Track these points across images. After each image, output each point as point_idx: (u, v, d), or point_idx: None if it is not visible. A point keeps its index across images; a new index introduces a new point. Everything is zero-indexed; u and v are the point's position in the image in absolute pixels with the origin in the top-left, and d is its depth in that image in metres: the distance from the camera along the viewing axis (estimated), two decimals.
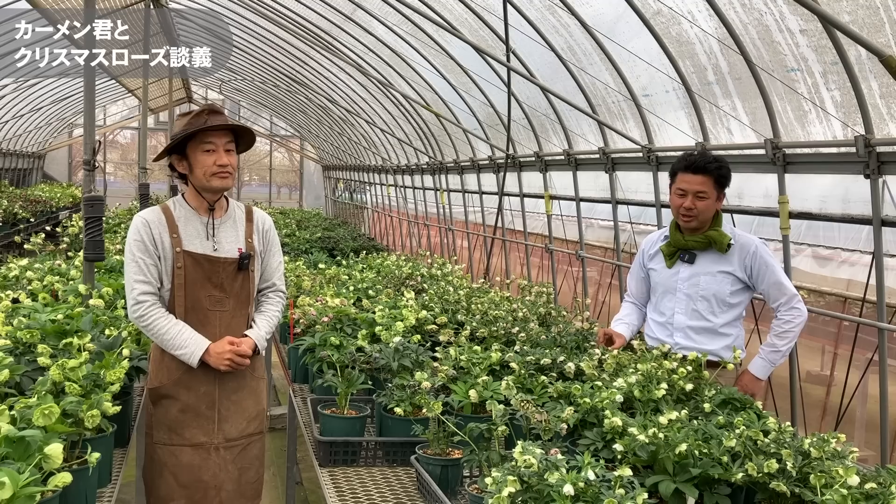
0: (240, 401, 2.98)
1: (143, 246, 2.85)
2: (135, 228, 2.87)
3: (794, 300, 3.31)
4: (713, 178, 3.27)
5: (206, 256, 2.90)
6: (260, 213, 3.13)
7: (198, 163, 2.89)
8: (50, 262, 5.39)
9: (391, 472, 3.01)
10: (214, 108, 2.94)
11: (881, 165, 3.86)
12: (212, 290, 2.91)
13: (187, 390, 2.90)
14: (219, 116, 2.91)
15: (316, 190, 26.10)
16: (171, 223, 2.90)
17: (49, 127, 21.98)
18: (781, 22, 4.21)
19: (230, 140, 2.94)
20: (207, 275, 2.91)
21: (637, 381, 2.76)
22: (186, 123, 2.87)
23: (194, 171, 2.91)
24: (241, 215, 3.06)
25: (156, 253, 2.86)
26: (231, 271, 2.94)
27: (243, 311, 3.00)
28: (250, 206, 3.16)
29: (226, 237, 2.97)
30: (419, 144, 11.37)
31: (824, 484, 2.11)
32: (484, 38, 6.95)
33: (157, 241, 2.86)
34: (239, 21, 11.53)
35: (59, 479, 2.04)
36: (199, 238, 2.92)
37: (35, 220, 13.73)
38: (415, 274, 6.06)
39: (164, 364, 2.91)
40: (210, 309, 2.91)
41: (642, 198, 6.27)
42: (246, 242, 3.00)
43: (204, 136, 2.87)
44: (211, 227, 2.95)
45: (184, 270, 2.87)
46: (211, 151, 2.88)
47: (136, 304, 2.84)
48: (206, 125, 2.85)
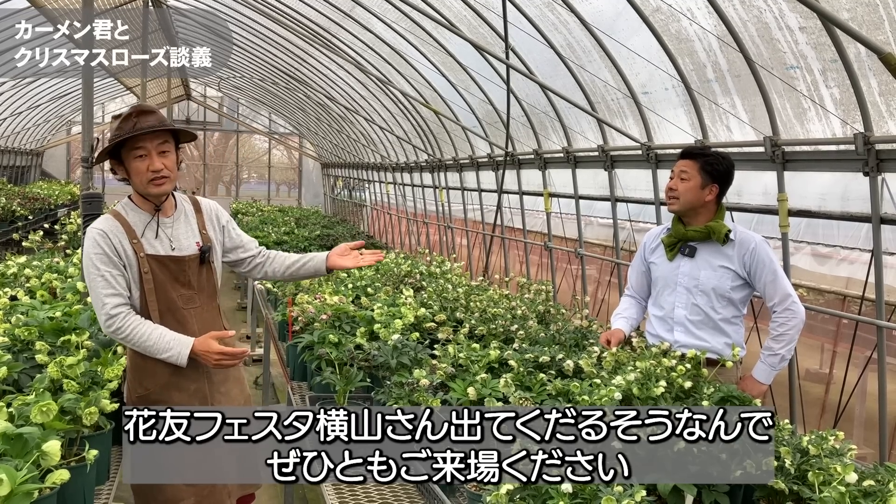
0: (228, 391, 2.95)
1: (106, 258, 2.73)
2: (93, 241, 2.75)
3: (788, 301, 3.28)
4: (699, 164, 3.32)
5: (170, 257, 2.83)
6: (206, 202, 3.06)
7: (133, 169, 2.78)
8: (48, 260, 5.38)
9: None
10: (144, 109, 2.77)
11: (880, 163, 3.86)
12: (181, 289, 2.86)
13: (178, 391, 2.83)
14: (148, 117, 2.75)
15: (315, 188, 26.09)
16: (129, 229, 2.80)
17: (47, 124, 21.95)
18: (781, 19, 4.21)
19: (164, 140, 2.78)
20: (174, 275, 2.84)
21: (636, 379, 2.75)
22: (117, 128, 2.75)
23: (132, 178, 2.82)
24: (189, 209, 2.99)
25: (120, 262, 2.76)
26: (195, 267, 2.89)
27: (213, 304, 2.96)
28: (195, 197, 3.07)
29: (182, 234, 2.91)
30: (418, 142, 11.37)
31: (822, 481, 2.11)
32: (483, 36, 6.94)
33: (118, 250, 2.76)
34: (238, 18, 11.52)
35: (57, 476, 2.04)
36: (157, 240, 2.84)
37: (33, 218, 13.71)
38: (414, 272, 6.06)
39: (148, 370, 2.81)
40: (184, 308, 2.85)
41: (641, 195, 6.27)
42: (201, 235, 2.94)
43: (134, 141, 2.73)
44: (162, 226, 2.88)
45: (151, 275, 2.79)
46: (143, 157, 2.75)
47: (111, 319, 2.72)
48: (133, 130, 2.71)
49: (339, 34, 9.78)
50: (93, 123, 4.72)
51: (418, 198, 13.05)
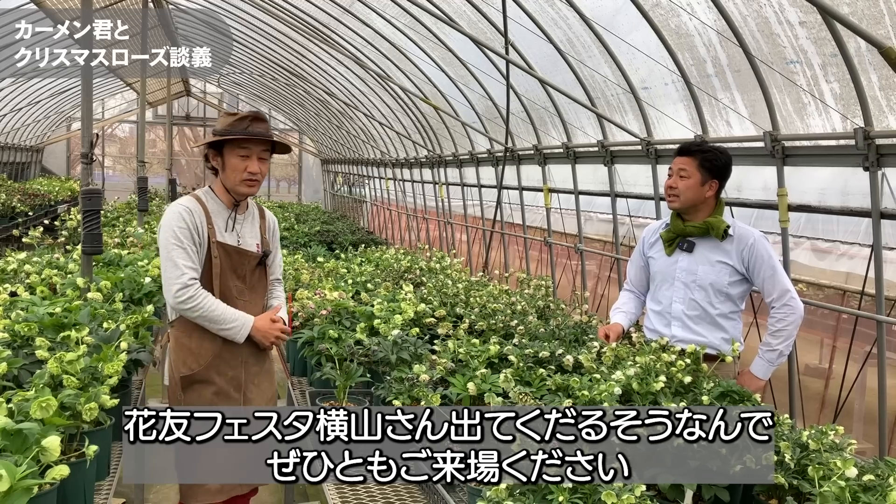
0: (260, 383, 3.11)
1: (189, 233, 2.93)
2: (178, 216, 2.95)
3: (787, 297, 3.26)
4: (697, 161, 3.32)
5: (236, 248, 3.05)
6: (270, 213, 3.31)
7: (231, 165, 3.01)
8: (48, 256, 5.38)
9: None
10: (258, 116, 3.02)
11: (880, 158, 3.85)
12: (237, 280, 3.06)
13: (218, 374, 3.00)
14: (260, 125, 3.01)
15: (315, 184, 26.09)
16: (207, 214, 3.01)
17: (47, 120, 21.93)
18: (781, 14, 4.20)
19: (266, 149, 3.05)
20: (234, 266, 3.05)
21: (635, 374, 2.75)
22: (230, 124, 2.99)
23: (226, 171, 3.04)
24: (256, 214, 3.22)
25: (198, 241, 2.96)
26: (253, 265, 3.11)
27: (259, 303, 3.15)
28: (261, 204, 3.32)
29: (247, 232, 3.13)
30: (418, 138, 11.36)
31: (822, 476, 2.11)
32: (483, 31, 6.93)
33: (199, 229, 2.96)
34: (237, 14, 11.51)
35: (57, 472, 2.04)
36: (227, 231, 3.05)
37: (33, 214, 13.71)
38: (413, 267, 6.06)
39: (192, 351, 2.99)
40: (237, 298, 3.05)
41: (641, 191, 6.26)
42: (262, 238, 3.17)
43: (243, 141, 2.99)
44: (236, 222, 3.09)
45: (220, 260, 2.99)
46: (245, 157, 3.00)
47: (186, 288, 2.90)
48: (246, 132, 2.97)
49: (338, 29, 9.77)
50: (92, 120, 4.71)
51: (418, 194, 13.04)
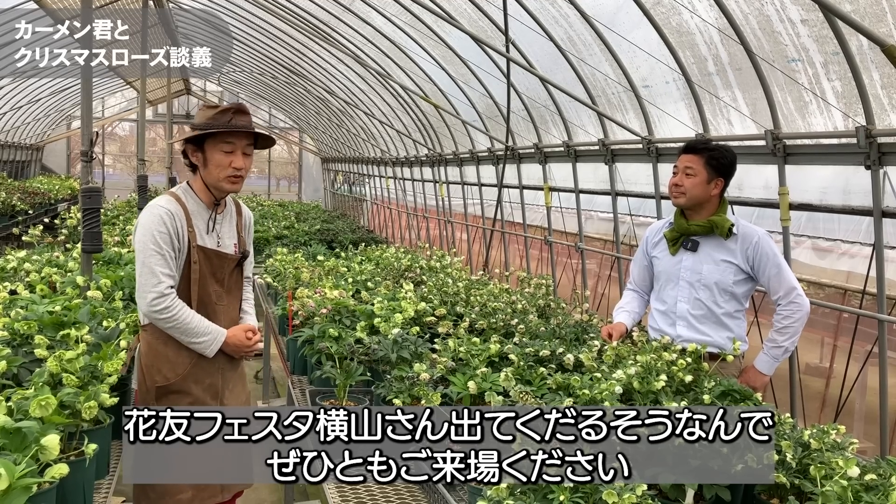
0: (234, 387, 3.04)
1: (169, 238, 2.79)
2: (158, 220, 2.79)
3: (794, 294, 3.27)
4: (704, 159, 3.31)
5: (216, 252, 2.91)
6: (246, 208, 3.17)
7: (213, 161, 2.85)
8: (48, 254, 5.37)
9: None
10: (241, 108, 2.87)
11: (882, 156, 3.84)
12: (216, 285, 2.94)
13: (196, 383, 2.89)
14: (244, 117, 2.86)
15: (315, 182, 26.07)
16: (187, 216, 2.86)
17: (47, 119, 21.92)
18: (782, 12, 4.19)
19: (250, 143, 2.91)
20: (213, 270, 2.92)
21: (636, 373, 2.74)
22: (211, 118, 2.83)
23: (208, 167, 2.87)
24: (233, 210, 3.08)
25: (177, 247, 2.81)
26: (231, 267, 2.98)
27: (236, 305, 3.06)
28: (237, 199, 3.16)
29: (226, 233, 2.99)
30: (418, 136, 11.34)
31: (824, 475, 2.10)
32: (483, 29, 6.92)
33: (179, 234, 2.82)
34: (237, 13, 11.50)
35: (56, 471, 2.03)
36: (207, 233, 2.91)
37: (33, 212, 13.70)
38: (414, 266, 6.05)
39: (169, 359, 2.86)
40: (216, 303, 2.93)
41: (642, 189, 6.25)
42: (238, 237, 3.04)
43: (226, 135, 2.84)
44: (215, 223, 2.95)
45: (199, 265, 2.86)
46: (229, 153, 2.85)
47: (163, 297, 2.77)
48: (229, 126, 2.81)
49: (338, 28, 9.75)
50: (92, 118, 4.71)
51: (418, 192, 13.03)
